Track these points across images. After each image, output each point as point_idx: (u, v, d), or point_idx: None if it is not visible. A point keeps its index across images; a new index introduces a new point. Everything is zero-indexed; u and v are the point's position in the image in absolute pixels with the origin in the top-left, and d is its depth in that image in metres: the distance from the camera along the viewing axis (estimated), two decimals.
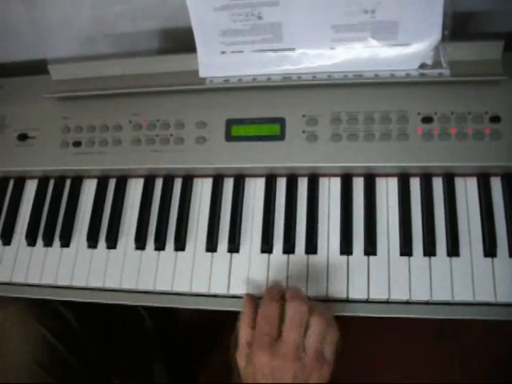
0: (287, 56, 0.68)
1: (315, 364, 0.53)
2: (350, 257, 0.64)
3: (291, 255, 0.65)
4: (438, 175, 0.66)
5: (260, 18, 0.65)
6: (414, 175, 0.66)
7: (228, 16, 0.65)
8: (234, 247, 0.67)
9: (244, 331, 0.57)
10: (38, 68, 0.78)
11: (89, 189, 0.74)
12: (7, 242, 0.73)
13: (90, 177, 0.75)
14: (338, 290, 0.63)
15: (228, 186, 0.70)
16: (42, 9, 0.73)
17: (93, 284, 0.69)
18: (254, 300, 0.60)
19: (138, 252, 0.69)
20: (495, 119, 0.64)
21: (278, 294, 0.57)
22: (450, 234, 0.63)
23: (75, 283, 0.69)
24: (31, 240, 0.72)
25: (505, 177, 0.65)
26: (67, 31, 0.77)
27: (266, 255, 0.66)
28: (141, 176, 0.73)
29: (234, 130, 0.69)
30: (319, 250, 0.65)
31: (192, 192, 0.71)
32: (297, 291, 0.57)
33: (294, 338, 0.53)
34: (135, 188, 0.73)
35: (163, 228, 0.69)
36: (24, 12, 0.74)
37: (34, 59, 0.81)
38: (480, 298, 0.60)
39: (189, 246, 0.68)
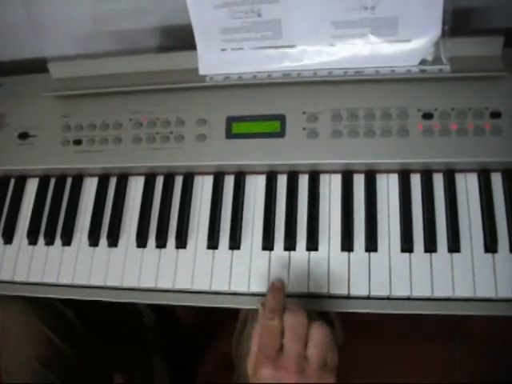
0: (287, 53, 0.68)
1: (319, 374, 0.52)
2: (351, 253, 0.64)
3: (292, 252, 0.65)
4: (438, 171, 0.66)
5: (259, 15, 0.65)
6: (415, 171, 0.66)
7: (228, 13, 0.65)
8: (235, 244, 0.67)
9: (257, 340, 0.57)
10: (37, 66, 0.77)
11: (90, 187, 0.74)
12: (9, 240, 0.73)
13: (90, 175, 0.75)
14: (339, 287, 0.63)
15: (229, 183, 0.70)
16: (41, 6, 0.73)
17: (94, 282, 0.69)
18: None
19: (140, 250, 0.69)
20: (495, 115, 0.64)
21: (280, 307, 0.56)
22: (451, 230, 0.63)
23: (77, 281, 0.69)
24: (33, 239, 0.73)
25: (505, 172, 0.65)
26: (67, 29, 0.76)
27: (267, 252, 0.66)
28: (141, 174, 0.73)
29: (234, 128, 0.69)
30: (320, 247, 0.65)
31: (193, 189, 0.71)
32: (296, 306, 0.56)
33: (295, 348, 0.52)
34: (136, 186, 0.73)
35: (164, 226, 0.69)
36: (23, 10, 0.74)
37: (33, 57, 0.81)
38: (481, 294, 0.60)
39: (190, 243, 0.68)
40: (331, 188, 0.68)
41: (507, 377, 1.05)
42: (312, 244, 0.65)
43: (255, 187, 0.70)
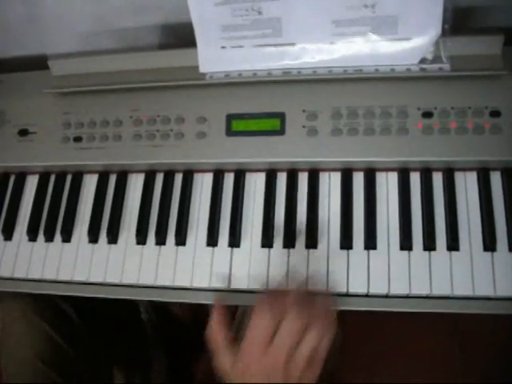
0: (287, 51, 0.68)
1: (304, 372, 0.52)
2: (350, 251, 0.64)
3: (291, 250, 0.66)
4: (437, 170, 0.66)
5: (260, 12, 0.65)
6: (414, 170, 0.66)
7: (228, 11, 0.65)
8: (234, 242, 0.67)
9: (216, 338, 0.58)
10: (38, 63, 0.78)
11: (90, 184, 0.74)
12: (9, 237, 0.74)
13: (90, 172, 0.75)
14: (338, 285, 0.63)
15: (228, 180, 0.70)
16: (41, 3, 0.73)
17: (94, 279, 0.69)
18: (223, 308, 0.60)
19: (139, 247, 0.69)
20: (495, 114, 0.64)
21: (281, 304, 0.54)
22: (450, 228, 0.63)
23: (76, 278, 0.69)
24: (32, 235, 0.73)
25: (504, 171, 0.65)
26: (67, 26, 0.77)
27: (266, 250, 0.66)
28: (141, 171, 0.73)
29: (234, 125, 0.69)
30: (319, 245, 0.65)
31: (192, 187, 0.71)
32: (297, 299, 0.54)
33: (282, 355, 0.52)
34: (136, 183, 0.73)
35: (164, 223, 0.69)
36: (23, 7, 0.74)
37: (33, 54, 0.81)
38: (479, 292, 0.60)
39: (189, 240, 0.68)
40: (331, 186, 0.68)
41: (507, 376, 1.05)
42: (311, 242, 0.65)
43: (255, 185, 0.70)
